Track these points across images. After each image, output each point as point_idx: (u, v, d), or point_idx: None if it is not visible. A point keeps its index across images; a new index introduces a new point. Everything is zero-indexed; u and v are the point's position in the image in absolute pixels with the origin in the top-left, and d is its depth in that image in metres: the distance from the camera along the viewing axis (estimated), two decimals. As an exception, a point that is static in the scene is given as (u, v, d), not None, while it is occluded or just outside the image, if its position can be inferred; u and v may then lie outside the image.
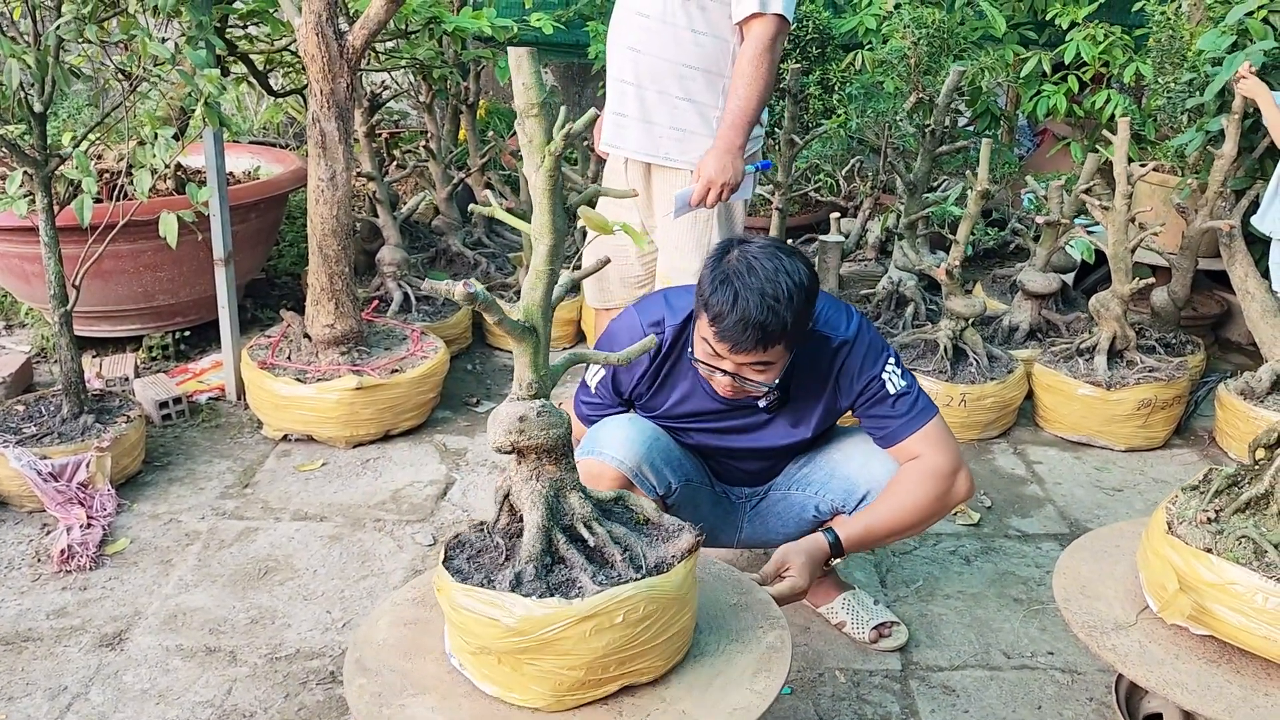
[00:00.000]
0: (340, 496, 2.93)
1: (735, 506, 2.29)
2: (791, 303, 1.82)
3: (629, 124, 2.75)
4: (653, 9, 2.67)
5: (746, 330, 1.80)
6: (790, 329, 1.83)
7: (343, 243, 3.18)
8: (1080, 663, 2.25)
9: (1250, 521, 1.66)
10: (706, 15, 2.66)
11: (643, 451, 2.05)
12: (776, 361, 1.89)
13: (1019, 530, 2.81)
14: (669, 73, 2.70)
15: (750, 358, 1.86)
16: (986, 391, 3.26)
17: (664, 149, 2.76)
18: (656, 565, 1.49)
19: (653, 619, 1.46)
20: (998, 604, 2.47)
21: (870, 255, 4.83)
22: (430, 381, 3.31)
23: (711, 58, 2.69)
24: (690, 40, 2.67)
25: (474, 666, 1.50)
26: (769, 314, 1.79)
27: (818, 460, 2.19)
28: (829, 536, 1.93)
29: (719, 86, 2.70)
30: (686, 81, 2.70)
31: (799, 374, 2.05)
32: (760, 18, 2.59)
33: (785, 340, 1.85)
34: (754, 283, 1.81)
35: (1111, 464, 3.21)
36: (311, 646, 2.28)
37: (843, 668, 2.23)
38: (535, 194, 1.39)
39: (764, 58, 2.60)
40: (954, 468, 2.01)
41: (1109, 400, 3.20)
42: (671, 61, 2.68)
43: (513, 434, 1.46)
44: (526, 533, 1.49)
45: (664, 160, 2.77)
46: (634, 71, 2.71)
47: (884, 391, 2.02)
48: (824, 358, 2.03)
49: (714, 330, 1.85)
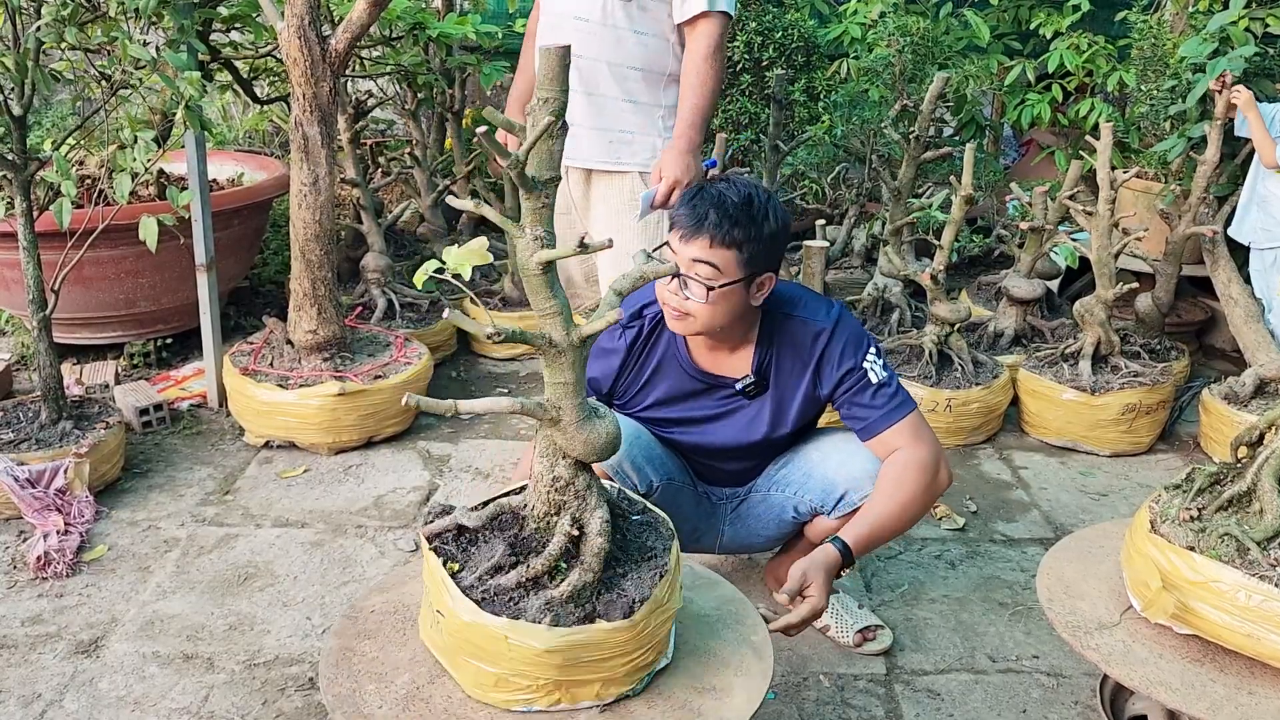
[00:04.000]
0: (322, 503, 2.90)
1: (717, 508, 2.28)
2: (750, 206, 1.87)
3: (580, 132, 2.67)
4: (592, 12, 2.64)
5: (697, 216, 1.86)
6: (741, 233, 1.85)
7: (325, 248, 3.16)
8: (1065, 666, 2.24)
9: (1232, 519, 1.65)
10: (648, 15, 2.65)
11: (624, 449, 2.03)
12: (723, 269, 1.87)
13: (1004, 535, 2.80)
14: (612, 75, 2.68)
15: (696, 248, 1.86)
16: (972, 397, 3.25)
17: (614, 153, 2.74)
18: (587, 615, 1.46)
19: None
20: (983, 608, 2.46)
21: (856, 262, 4.84)
22: (414, 388, 3.28)
23: (653, 58, 2.69)
24: (633, 41, 2.65)
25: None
26: (722, 207, 1.86)
27: (796, 461, 2.18)
28: (838, 545, 1.90)
29: (659, 85, 2.71)
30: (629, 83, 2.69)
31: (778, 362, 2.04)
32: (708, 17, 2.59)
33: (734, 245, 1.85)
34: (720, 186, 1.91)
35: (1096, 469, 3.21)
36: (290, 653, 2.25)
37: (827, 672, 2.21)
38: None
39: (716, 56, 2.61)
40: (935, 458, 2.01)
41: (1094, 405, 3.20)
42: (614, 64, 2.67)
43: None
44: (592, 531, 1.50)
45: (615, 165, 2.75)
46: (577, 78, 2.60)
47: (865, 381, 2.02)
48: (804, 344, 2.03)
49: (671, 225, 1.93)
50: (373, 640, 1.60)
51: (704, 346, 2.05)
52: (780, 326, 2.04)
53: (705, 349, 2.05)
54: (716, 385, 2.08)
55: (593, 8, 2.63)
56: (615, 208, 2.77)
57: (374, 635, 1.61)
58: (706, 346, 2.05)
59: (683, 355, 2.06)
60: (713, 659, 1.58)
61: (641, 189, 2.68)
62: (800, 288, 2.12)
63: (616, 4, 2.61)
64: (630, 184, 2.74)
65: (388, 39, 3.88)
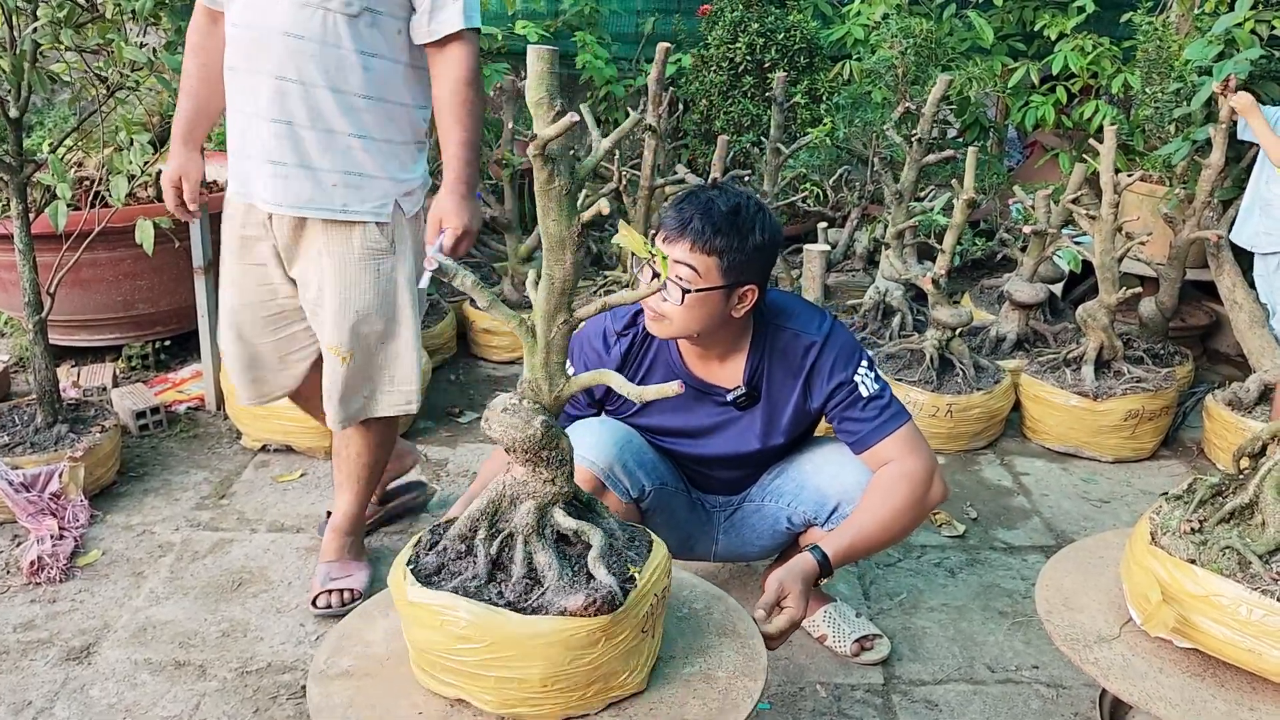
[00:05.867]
0: (318, 507, 2.88)
1: (711, 515, 2.26)
2: (736, 216, 1.85)
3: (291, 173, 2.17)
4: (308, 28, 2.10)
5: (681, 219, 1.84)
6: (723, 241, 1.83)
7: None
8: (1065, 677, 2.21)
9: (1234, 532, 1.63)
10: (378, 34, 2.16)
11: (614, 452, 2.01)
12: (702, 274, 1.85)
13: (1005, 542, 2.78)
14: (338, 106, 2.15)
15: (678, 250, 1.85)
16: (973, 402, 3.23)
17: (339, 199, 2.19)
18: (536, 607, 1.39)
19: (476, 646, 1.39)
20: (982, 617, 2.43)
21: (858, 265, 4.82)
22: (411, 391, 3.27)
23: (386, 84, 2.20)
24: (358, 65, 2.14)
25: None
26: (708, 213, 1.84)
27: (789, 471, 2.16)
28: (816, 555, 1.89)
29: (396, 118, 2.24)
30: (360, 115, 2.17)
31: (770, 373, 2.03)
32: (462, 38, 2.18)
33: (715, 253, 1.84)
34: (709, 193, 1.88)
35: (1099, 475, 3.18)
36: (283, 660, 2.23)
37: (824, 681, 2.19)
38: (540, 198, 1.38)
39: (477, 80, 2.22)
40: (928, 471, 1.97)
41: (1096, 411, 3.18)
42: (341, 91, 2.14)
43: (484, 421, 1.47)
44: (459, 520, 1.51)
45: (340, 213, 2.20)
46: (285, 107, 2.13)
47: (856, 395, 1.99)
48: (795, 357, 2.01)
49: (658, 225, 1.91)
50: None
51: (695, 355, 2.03)
52: (772, 338, 2.02)
53: (697, 357, 2.04)
54: (709, 394, 2.06)
55: (310, 23, 2.10)
56: (343, 263, 2.23)
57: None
58: (698, 355, 2.03)
59: (676, 362, 2.04)
60: (704, 668, 1.56)
61: (378, 241, 2.24)
62: (794, 298, 2.10)
63: (340, 19, 2.10)
64: (362, 236, 2.22)
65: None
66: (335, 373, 2.32)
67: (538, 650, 1.38)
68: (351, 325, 2.27)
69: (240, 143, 2.23)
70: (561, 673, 1.40)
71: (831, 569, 1.91)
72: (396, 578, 1.47)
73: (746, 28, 5.03)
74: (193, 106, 2.35)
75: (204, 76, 2.32)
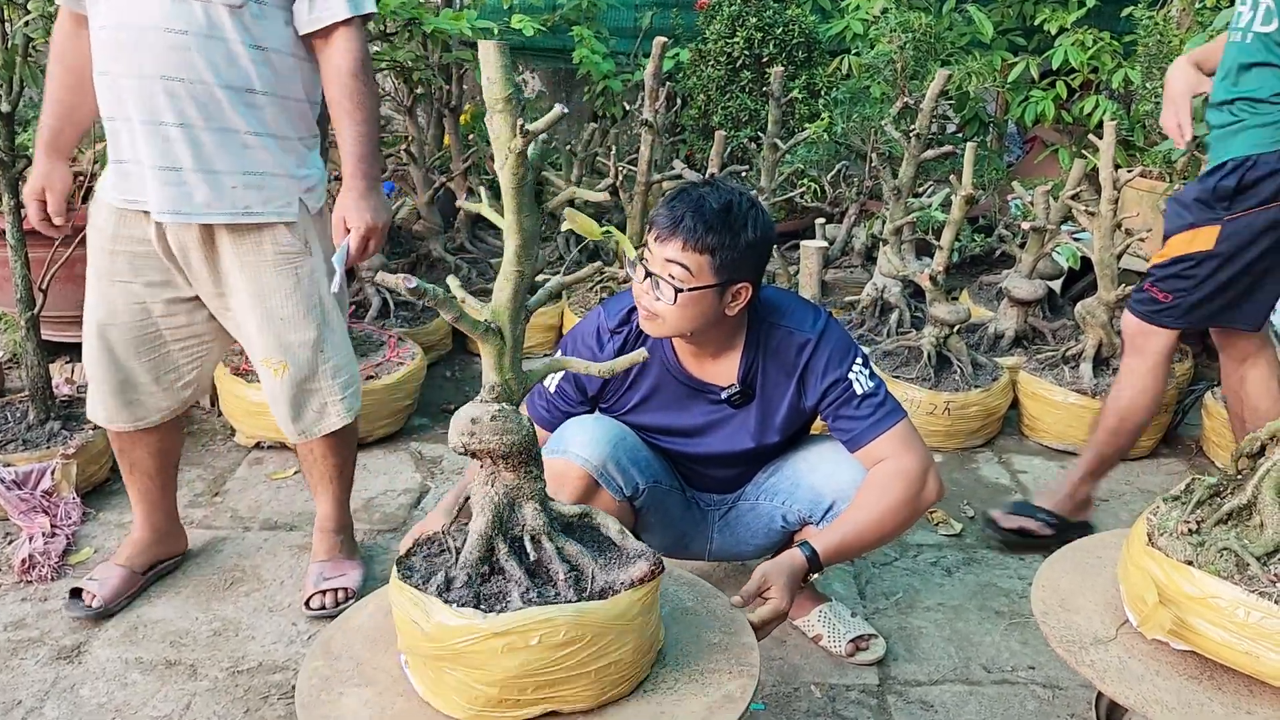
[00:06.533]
0: (312, 505, 2.85)
1: (706, 514, 2.24)
2: (728, 214, 1.83)
3: (189, 178, 2.04)
4: (189, 23, 1.98)
5: (673, 218, 1.82)
6: (716, 239, 1.81)
7: (317, 247, 3.12)
8: (1061, 677, 2.20)
9: (1232, 533, 1.61)
10: (266, 25, 2.05)
11: (608, 450, 1.99)
12: (694, 273, 1.83)
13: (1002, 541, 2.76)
14: (233, 103, 2.04)
15: (670, 249, 1.83)
16: (971, 400, 3.21)
17: (240, 201, 2.09)
18: (601, 590, 1.41)
19: (578, 646, 1.38)
20: (979, 617, 2.42)
21: (856, 261, 4.79)
22: (406, 388, 3.26)
23: (279, 78, 2.10)
24: (249, 59, 2.04)
25: (413, 666, 1.47)
26: (702, 209, 1.82)
27: (784, 470, 2.14)
28: (805, 551, 1.87)
29: (292, 113, 2.14)
30: (255, 111, 2.07)
31: (764, 371, 2.01)
32: (348, 26, 2.09)
33: (707, 251, 1.82)
34: (701, 190, 1.86)
35: (1097, 473, 3.16)
36: (274, 660, 2.22)
37: (818, 682, 2.17)
38: (503, 191, 1.35)
39: (367, 68, 2.13)
40: (922, 469, 1.95)
41: (1095, 409, 3.15)
42: (234, 88, 2.04)
43: (464, 435, 1.42)
44: (469, 538, 1.44)
45: (244, 215, 2.10)
46: (177, 109, 2.01)
47: (850, 392, 1.97)
48: (789, 355, 1.99)
49: (648, 227, 1.88)
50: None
51: (690, 353, 2.02)
52: (766, 335, 2.00)
53: (691, 355, 2.02)
54: (703, 392, 2.04)
55: (190, 17, 1.98)
56: (258, 271, 2.14)
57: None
58: (692, 353, 2.01)
59: (670, 360, 2.03)
60: (682, 693, 1.52)
61: (291, 244, 2.16)
62: (788, 295, 2.08)
63: (223, 12, 1.99)
64: (273, 240, 2.13)
65: (384, 34, 3.84)
66: (273, 387, 2.25)
67: (633, 626, 1.43)
68: (278, 335, 2.18)
69: (123, 150, 2.08)
70: (644, 641, 1.47)
71: (821, 565, 1.90)
72: (451, 624, 1.35)
73: (744, 22, 5.00)
74: (58, 115, 2.20)
75: (70, 83, 2.17)
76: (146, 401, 2.28)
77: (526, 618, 1.34)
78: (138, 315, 2.21)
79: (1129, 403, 2.62)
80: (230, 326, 2.25)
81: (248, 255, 2.13)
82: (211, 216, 2.08)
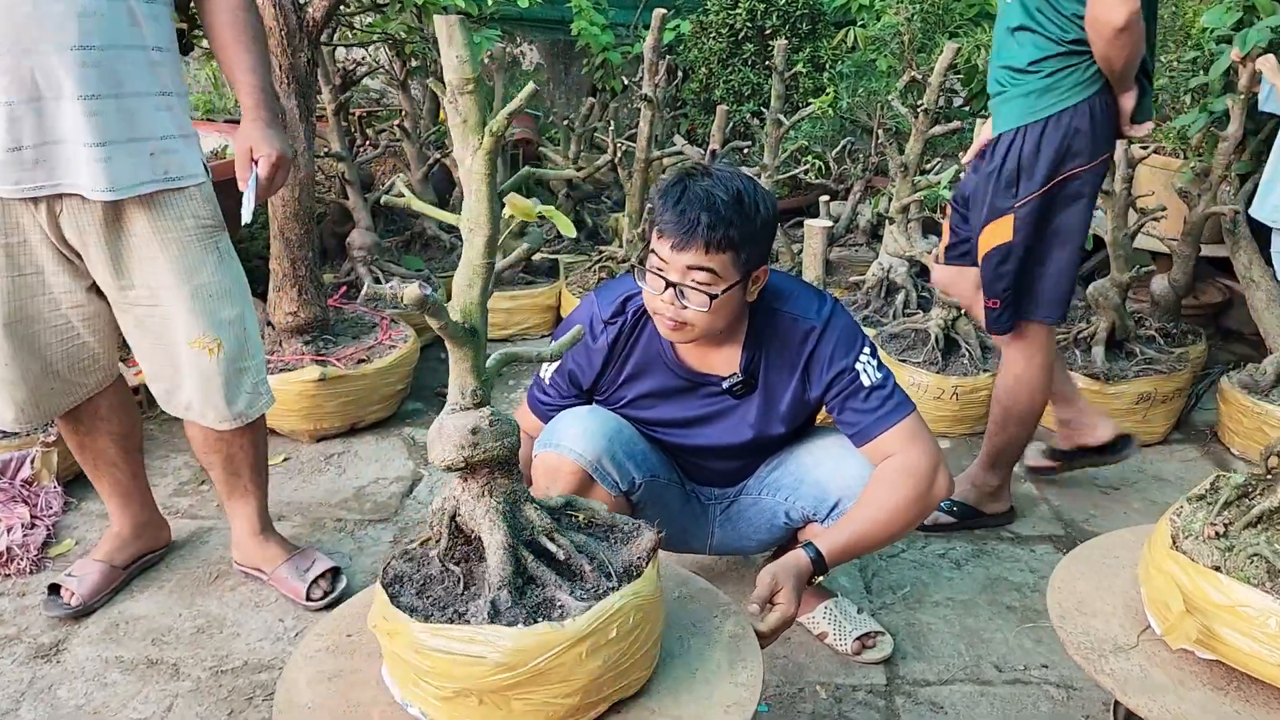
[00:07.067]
0: (301, 494, 2.79)
1: (706, 508, 2.16)
2: (741, 204, 1.73)
3: (114, 152, 1.88)
4: None
5: (688, 222, 1.72)
6: (737, 233, 1.72)
7: (305, 226, 3.03)
8: (1076, 677, 2.12)
9: (1262, 538, 1.52)
10: None
11: (603, 444, 1.91)
12: (721, 274, 1.75)
13: (1012, 532, 2.68)
14: (140, 66, 1.91)
15: (691, 257, 1.73)
16: (980, 384, 3.12)
17: (163, 167, 1.95)
18: (626, 570, 1.38)
19: (640, 626, 1.36)
20: (989, 612, 2.34)
21: (861, 239, 4.69)
22: (399, 372, 3.17)
23: (166, 32, 1.98)
24: (147, 16, 1.91)
25: (446, 713, 1.33)
26: (714, 208, 1.71)
27: (788, 464, 2.05)
28: (810, 553, 1.79)
29: (177, 68, 2.02)
30: (159, 70, 1.95)
31: (767, 360, 1.92)
32: None
33: (730, 248, 1.73)
34: (705, 183, 1.74)
35: (1109, 460, 3.08)
36: (260, 658, 2.14)
37: (824, 682, 2.10)
38: (470, 179, 1.25)
39: (252, 2, 2.06)
40: (932, 465, 1.86)
41: (1106, 394, 3.07)
42: (140, 48, 1.90)
43: (465, 449, 1.32)
44: (491, 555, 1.34)
45: (166, 182, 1.97)
46: (96, 79, 1.85)
47: (857, 384, 1.88)
48: (793, 343, 1.90)
49: (657, 231, 1.77)
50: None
51: (690, 345, 1.92)
52: (769, 322, 1.90)
53: (691, 347, 1.92)
54: (703, 384, 1.95)
55: None
56: (183, 248, 2.01)
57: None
58: (693, 344, 1.92)
59: (668, 353, 1.94)
60: (696, 648, 1.49)
61: (211, 216, 2.06)
62: (792, 279, 1.98)
63: None
64: (192, 211, 2.01)
65: (376, 5, 3.72)
66: (205, 369, 2.09)
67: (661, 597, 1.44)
68: (211, 313, 2.06)
69: (25, 135, 1.85)
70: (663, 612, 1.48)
71: (826, 568, 1.82)
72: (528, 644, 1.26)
73: (747, -7, 4.87)
74: None
75: None
76: (55, 400, 2.13)
77: (600, 613, 1.30)
78: (46, 308, 2.04)
79: (1007, 392, 2.53)
80: (128, 320, 2.08)
81: (170, 231, 2.00)
82: (147, 187, 1.95)
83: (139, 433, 2.36)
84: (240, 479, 2.29)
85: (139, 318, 2.08)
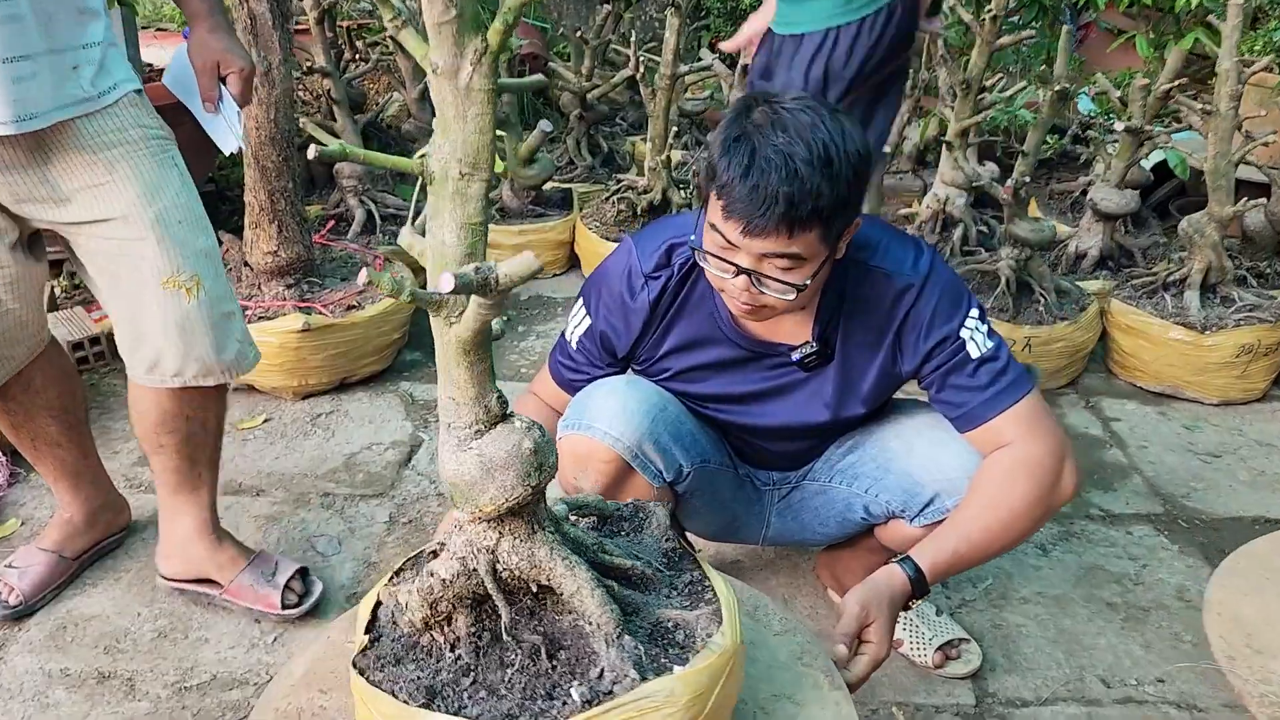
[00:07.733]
0: (282, 463, 2.43)
1: (761, 494, 1.80)
2: (830, 165, 1.30)
3: (35, 68, 1.52)
4: None
5: (764, 201, 1.30)
6: (826, 208, 1.31)
7: (284, 153, 2.64)
8: (1199, 694, 1.79)
9: None
10: None
11: (645, 425, 1.54)
12: (807, 257, 1.36)
13: (1102, 509, 2.32)
14: None
15: (769, 244, 1.34)
16: (1056, 334, 2.74)
17: (83, 85, 1.59)
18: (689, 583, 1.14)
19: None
20: (1087, 610, 1.99)
21: (906, 166, 4.26)
22: (394, 320, 2.78)
23: None
24: None
25: None
26: (796, 180, 1.29)
27: (868, 447, 1.68)
28: (908, 569, 1.42)
29: None
30: None
31: (848, 326, 1.53)
32: None
33: (819, 225, 1.33)
34: (779, 140, 1.31)
35: (1203, 421, 2.71)
36: (230, 671, 1.81)
37: (901, 702, 1.76)
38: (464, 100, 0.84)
39: None
40: (1057, 458, 1.48)
41: (1203, 346, 2.68)
42: None
43: (532, 475, 0.96)
44: (586, 600, 1.00)
45: (99, 100, 1.61)
46: None
47: (964, 355, 1.50)
48: (883, 304, 1.51)
49: (722, 206, 1.34)
50: None
51: None
52: (852, 280, 1.51)
53: None
54: (768, 354, 1.57)
55: None
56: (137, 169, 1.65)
57: None
58: None
59: (724, 317, 1.55)
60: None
61: (160, 126, 1.72)
62: (880, 225, 1.58)
63: None
64: (135, 119, 1.66)
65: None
66: (187, 313, 1.71)
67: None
68: (183, 242, 1.69)
69: None
70: None
71: (927, 588, 1.45)
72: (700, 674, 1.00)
73: (780, -113, 4.36)
74: None
75: None
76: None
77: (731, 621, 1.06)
78: None
79: None
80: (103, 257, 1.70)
81: (119, 153, 1.63)
82: (76, 108, 1.57)
83: (82, 403, 1.99)
84: (196, 465, 1.90)
85: (99, 263, 1.70)
